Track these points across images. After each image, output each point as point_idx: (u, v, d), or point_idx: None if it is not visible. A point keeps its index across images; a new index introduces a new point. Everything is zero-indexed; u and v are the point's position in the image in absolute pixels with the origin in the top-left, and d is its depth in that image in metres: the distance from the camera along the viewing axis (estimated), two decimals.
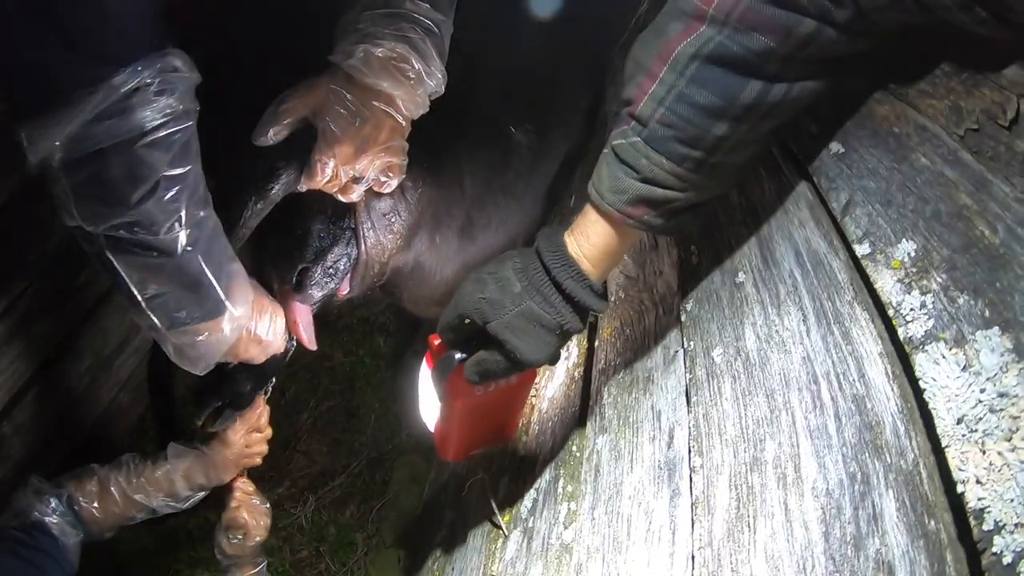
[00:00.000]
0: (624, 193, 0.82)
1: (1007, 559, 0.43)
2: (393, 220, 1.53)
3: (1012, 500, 0.45)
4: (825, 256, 0.78)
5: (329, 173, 1.06)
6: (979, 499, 0.46)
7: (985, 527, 0.45)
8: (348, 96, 1.01)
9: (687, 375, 0.91)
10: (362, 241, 1.45)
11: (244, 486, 1.62)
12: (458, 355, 0.96)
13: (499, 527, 1.20)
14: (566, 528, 1.00)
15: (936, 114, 0.76)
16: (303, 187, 1.10)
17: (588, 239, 0.88)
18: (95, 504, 1.48)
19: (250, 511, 1.61)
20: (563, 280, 0.87)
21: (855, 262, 0.73)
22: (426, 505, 2.26)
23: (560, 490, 1.08)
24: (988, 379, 0.51)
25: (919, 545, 0.49)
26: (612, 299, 1.31)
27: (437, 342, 1.03)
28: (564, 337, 0.91)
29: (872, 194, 0.76)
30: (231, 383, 1.49)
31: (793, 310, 0.78)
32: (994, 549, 0.44)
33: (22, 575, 1.31)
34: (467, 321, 0.92)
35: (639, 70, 0.80)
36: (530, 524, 1.12)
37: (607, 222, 0.86)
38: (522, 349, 0.88)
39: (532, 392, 1.37)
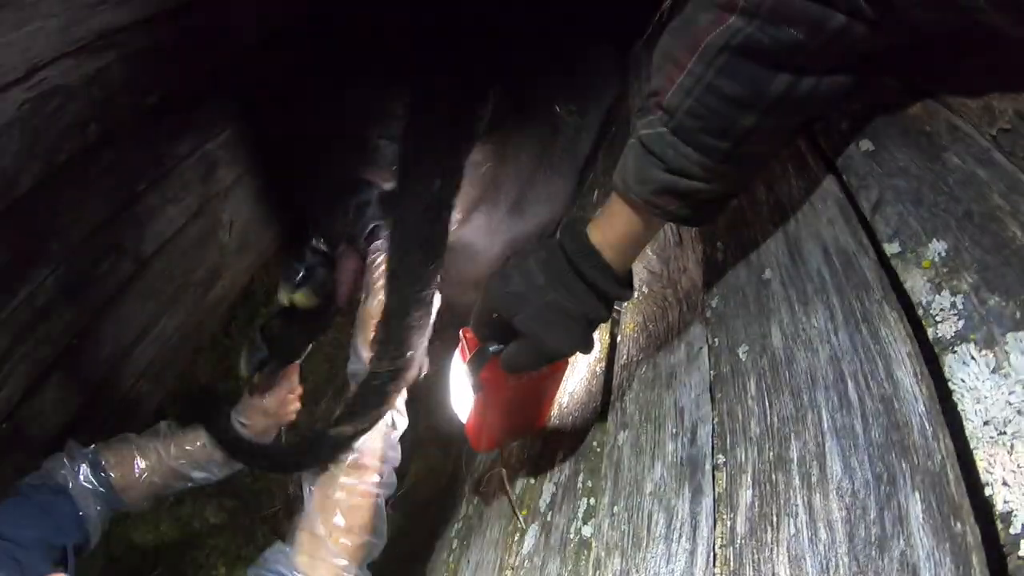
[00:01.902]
0: (650, 183, 0.83)
1: None
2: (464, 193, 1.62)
3: None
4: (854, 254, 0.78)
5: None
6: (1006, 502, 0.47)
7: (1012, 531, 0.45)
8: None
9: (711, 372, 0.92)
10: None
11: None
12: (492, 347, 0.99)
13: (517, 520, 1.22)
14: (585, 523, 1.01)
15: (968, 113, 0.77)
16: None
17: (612, 228, 0.89)
18: (130, 472, 1.53)
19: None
20: (586, 270, 0.88)
21: (884, 261, 0.73)
22: (443, 497, 2.28)
23: (580, 485, 1.08)
24: (1018, 381, 0.51)
25: (944, 548, 0.49)
26: (635, 294, 1.32)
27: (469, 335, 1.05)
28: (590, 326, 0.93)
29: (903, 193, 0.76)
30: (278, 339, 1.63)
31: (820, 308, 0.78)
32: (1021, 552, 0.44)
33: (37, 532, 1.32)
34: (495, 315, 0.93)
35: (667, 60, 0.81)
36: (548, 518, 1.12)
37: (632, 211, 0.87)
38: (549, 340, 0.91)
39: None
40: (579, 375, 1.34)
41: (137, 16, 1.62)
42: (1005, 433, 0.50)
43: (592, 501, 1.02)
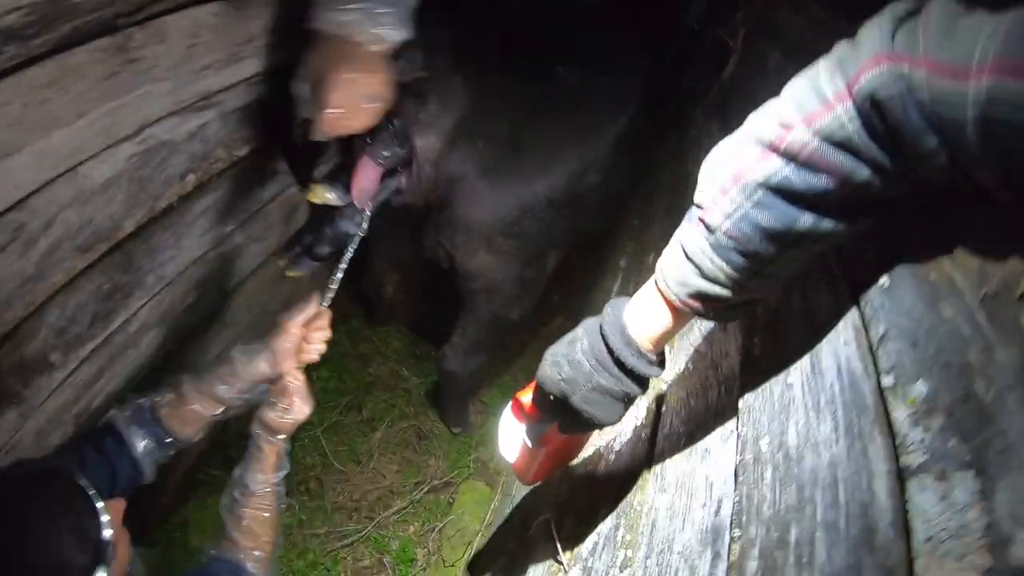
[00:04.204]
0: (687, 287, 0.96)
1: None
2: (437, 121, 1.84)
3: None
4: (860, 378, 0.93)
5: None
6: None
7: None
8: None
9: (738, 456, 1.07)
10: (413, 137, 1.80)
11: (298, 375, 1.78)
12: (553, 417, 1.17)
13: (561, 564, 1.39)
14: (621, 572, 1.16)
15: (967, 271, 0.89)
16: None
17: (649, 321, 1.04)
18: (174, 407, 1.75)
19: (299, 393, 1.76)
20: (625, 358, 1.04)
21: (880, 390, 0.88)
22: (488, 531, 2.43)
23: (619, 537, 1.24)
24: (956, 511, 0.66)
25: None
26: (681, 370, 1.48)
27: (526, 399, 1.23)
28: (629, 402, 1.10)
29: (904, 332, 0.90)
30: (308, 236, 1.90)
31: (828, 418, 0.93)
32: None
33: (99, 466, 1.60)
34: (552, 398, 1.11)
35: (713, 182, 0.92)
36: (589, 564, 1.29)
37: (667, 305, 1.02)
38: (598, 416, 1.08)
39: (603, 442, 1.55)
40: (626, 437, 1.50)
41: (236, 79, 1.85)
42: (938, 551, 0.65)
43: (629, 553, 1.18)
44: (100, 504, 1.30)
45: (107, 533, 1.28)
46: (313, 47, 1.59)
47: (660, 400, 1.49)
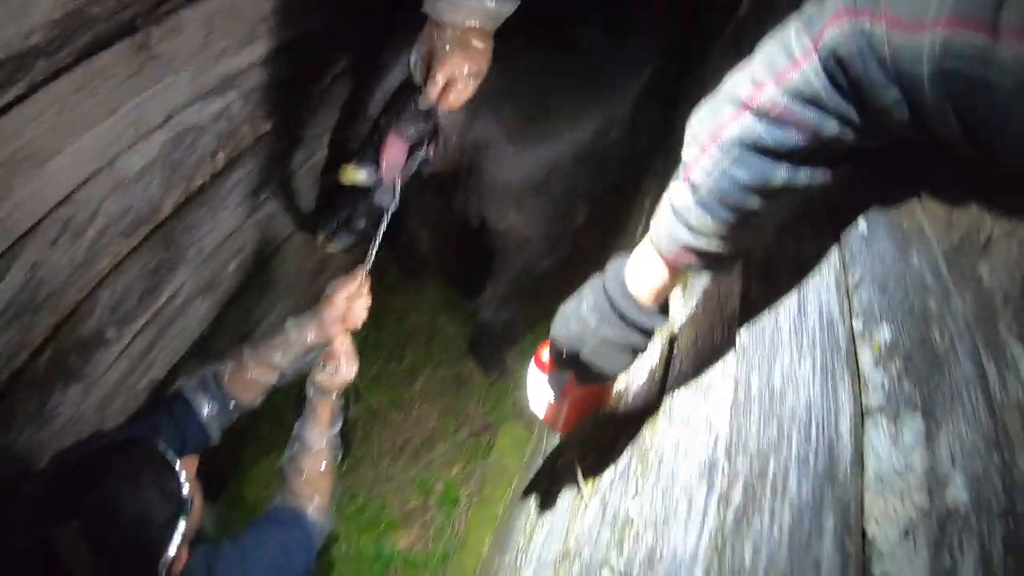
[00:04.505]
0: (677, 242, 1.02)
1: None
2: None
3: (889, 539, 0.68)
4: (836, 321, 0.99)
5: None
6: (873, 534, 0.70)
7: (869, 553, 0.69)
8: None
9: (732, 395, 1.15)
10: (437, 112, 1.98)
11: (345, 339, 1.95)
12: (568, 371, 1.25)
13: (583, 497, 1.49)
14: (632, 502, 1.26)
15: (934, 220, 0.93)
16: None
17: (646, 276, 1.10)
18: (235, 375, 1.92)
19: (346, 355, 1.93)
20: (626, 312, 1.11)
21: (852, 333, 0.94)
22: (525, 470, 2.54)
23: (632, 471, 1.34)
24: (903, 453, 0.73)
25: (837, 558, 0.73)
26: (692, 312, 1.55)
27: (545, 354, 1.32)
28: (635, 353, 1.17)
29: (876, 278, 0.95)
30: (344, 211, 2.02)
31: (808, 359, 1.00)
32: (873, 569, 0.68)
33: (170, 431, 1.78)
34: (564, 352, 1.19)
35: (695, 141, 0.97)
36: (607, 497, 1.38)
37: (661, 260, 1.07)
38: (606, 367, 1.15)
39: (624, 385, 1.64)
40: (643, 377, 1.58)
41: (253, 59, 1.92)
42: (885, 487, 0.73)
43: (640, 485, 1.28)
44: (177, 463, 1.46)
45: (185, 488, 1.44)
46: (428, 28, 1.66)
47: (672, 341, 1.56)
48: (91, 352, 1.88)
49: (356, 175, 2.02)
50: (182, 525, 1.40)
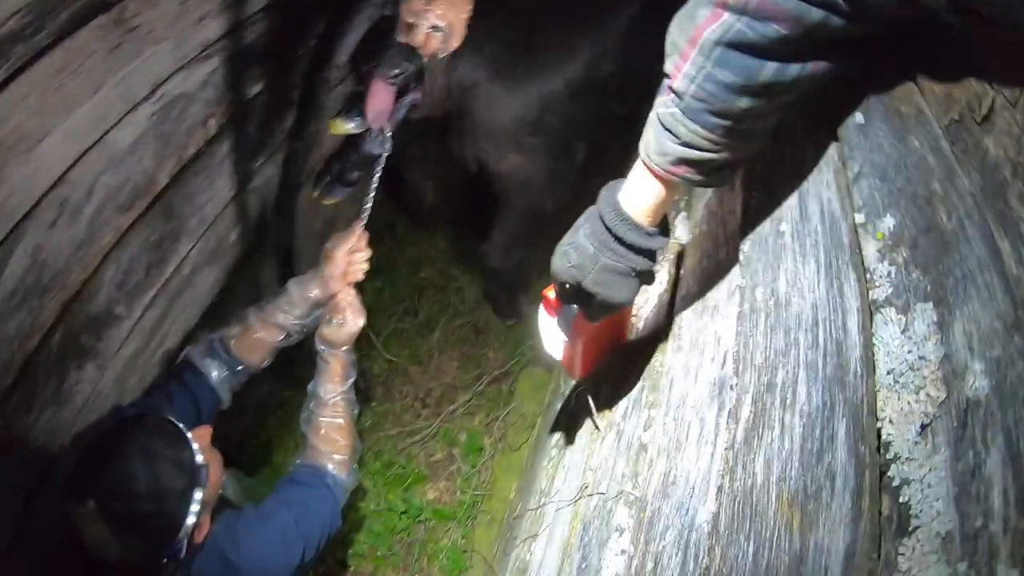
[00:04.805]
0: (668, 155, 0.95)
1: (895, 482, 0.61)
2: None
3: (908, 439, 0.63)
4: (839, 218, 0.93)
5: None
6: (888, 434, 0.65)
7: (887, 456, 0.63)
8: None
9: (738, 308, 1.09)
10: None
11: (349, 291, 1.92)
12: (575, 305, 1.20)
13: (598, 429, 1.45)
14: (645, 431, 1.21)
15: (933, 100, 0.88)
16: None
17: (640, 195, 1.03)
18: (242, 338, 1.91)
19: (351, 307, 1.90)
20: (623, 234, 1.04)
21: (855, 227, 0.88)
22: (546, 413, 2.52)
23: (644, 399, 1.29)
24: (915, 343, 0.68)
25: (852, 463, 0.68)
26: (696, 232, 1.49)
27: (551, 295, 1.27)
28: (640, 276, 1.10)
29: (875, 167, 0.90)
30: (336, 164, 1.97)
31: (812, 262, 0.94)
32: (890, 473, 0.62)
33: (183, 399, 1.78)
34: (567, 285, 1.13)
35: (675, 49, 0.91)
36: (621, 427, 1.34)
37: (655, 179, 1.00)
38: (611, 296, 1.08)
39: (634, 313, 1.58)
40: (651, 304, 1.53)
41: (231, 24, 1.86)
42: (899, 383, 0.67)
43: (652, 412, 1.23)
44: (189, 434, 1.45)
45: (199, 458, 1.43)
46: None
47: (679, 264, 1.50)
48: (102, 329, 1.87)
49: (344, 126, 1.97)
50: (198, 494, 1.39)
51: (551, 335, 1.39)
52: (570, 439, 1.68)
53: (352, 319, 1.89)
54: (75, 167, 1.55)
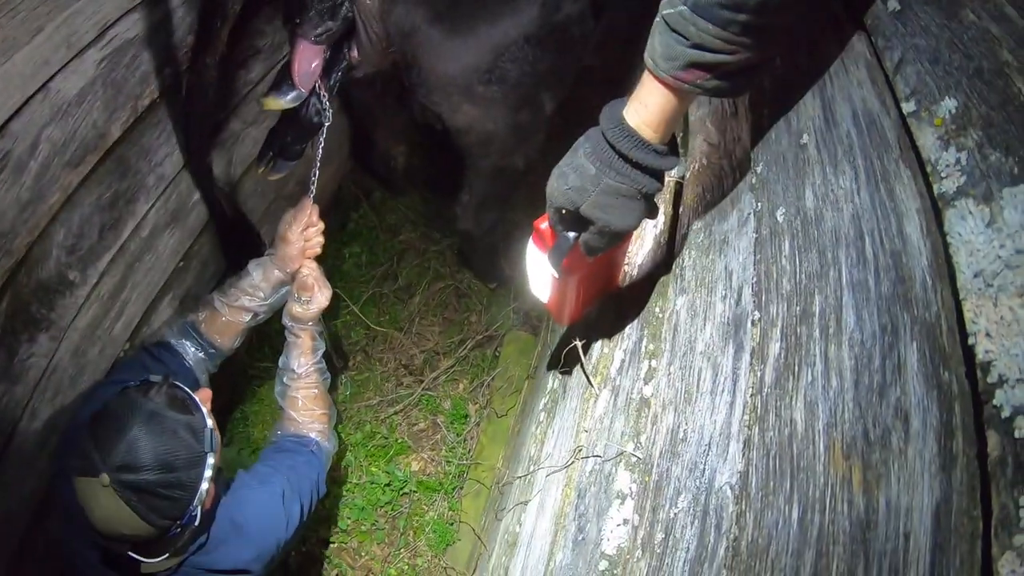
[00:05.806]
0: (676, 60, 0.82)
1: (1005, 412, 0.44)
2: None
3: (1017, 355, 0.45)
4: (878, 115, 0.76)
5: None
6: (987, 352, 0.47)
7: (989, 380, 0.46)
8: None
9: (755, 235, 0.92)
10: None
11: (312, 266, 1.92)
12: (571, 234, 1.03)
13: (591, 387, 1.27)
14: (646, 384, 1.05)
15: None
16: None
17: (647, 108, 0.89)
18: (211, 322, 1.91)
19: (318, 282, 1.90)
20: (628, 151, 0.90)
21: (903, 120, 0.71)
22: (532, 377, 2.36)
23: (643, 349, 1.12)
24: (1009, 235, 0.51)
25: (932, 395, 0.51)
26: (696, 166, 1.31)
27: (544, 226, 1.09)
28: (646, 199, 0.95)
29: (922, 52, 0.73)
30: (278, 138, 1.92)
31: (848, 169, 0.78)
32: (995, 402, 0.45)
33: (159, 370, 1.69)
34: (564, 211, 0.96)
35: None
36: (617, 382, 1.17)
37: (663, 88, 0.87)
38: (613, 221, 0.94)
39: (628, 259, 1.41)
40: (646, 246, 1.35)
41: None
42: (992, 285, 0.50)
43: (653, 363, 1.06)
44: (197, 398, 1.42)
45: (210, 421, 1.40)
46: None
47: (677, 201, 1.33)
48: (55, 297, 1.70)
49: (277, 102, 1.78)
50: (211, 459, 1.36)
51: (540, 274, 1.21)
52: (561, 401, 1.51)
53: (319, 296, 1.90)
54: (16, 117, 1.40)
